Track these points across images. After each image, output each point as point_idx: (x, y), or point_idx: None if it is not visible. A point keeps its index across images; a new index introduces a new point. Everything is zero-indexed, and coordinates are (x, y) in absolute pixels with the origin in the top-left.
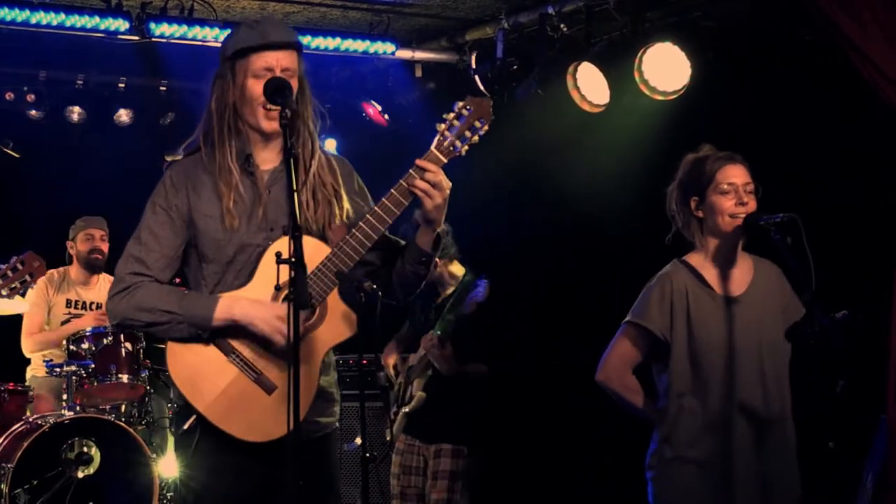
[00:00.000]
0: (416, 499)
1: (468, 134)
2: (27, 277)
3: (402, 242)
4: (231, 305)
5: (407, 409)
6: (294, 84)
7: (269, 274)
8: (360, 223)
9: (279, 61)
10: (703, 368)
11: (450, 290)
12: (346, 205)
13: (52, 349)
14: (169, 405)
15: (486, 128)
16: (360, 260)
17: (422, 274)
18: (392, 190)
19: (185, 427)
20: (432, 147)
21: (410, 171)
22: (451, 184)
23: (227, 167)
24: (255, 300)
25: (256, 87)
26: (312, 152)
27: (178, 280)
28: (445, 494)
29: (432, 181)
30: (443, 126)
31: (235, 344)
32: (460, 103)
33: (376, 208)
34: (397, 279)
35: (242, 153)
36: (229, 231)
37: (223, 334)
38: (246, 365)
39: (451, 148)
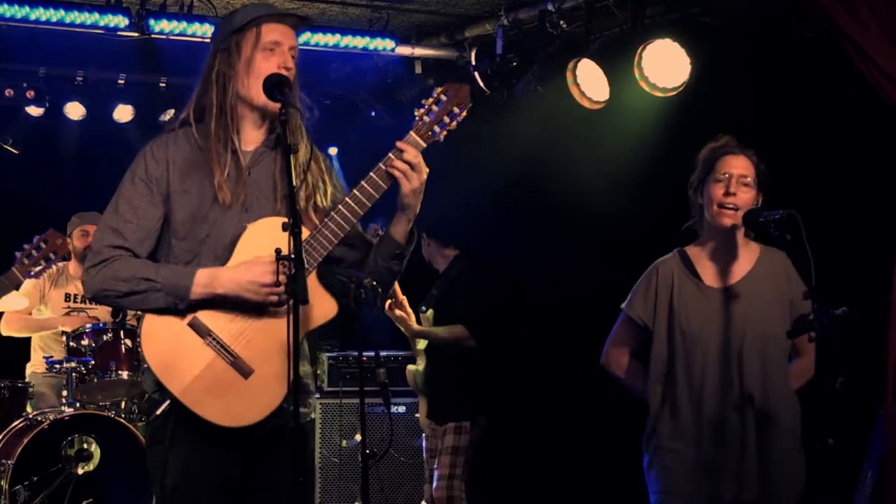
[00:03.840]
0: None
1: (446, 119)
2: (51, 255)
3: (374, 241)
4: (214, 276)
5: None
6: (294, 71)
7: (248, 255)
8: (339, 206)
9: (287, 38)
10: (682, 357)
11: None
12: (330, 192)
13: (26, 333)
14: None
15: (464, 114)
16: (337, 244)
17: (395, 270)
18: (371, 173)
19: (158, 412)
20: (411, 131)
21: (389, 153)
22: (428, 169)
23: (211, 148)
24: (233, 271)
25: (264, 62)
26: (302, 135)
27: None
28: (447, 469)
29: (411, 162)
30: (421, 111)
31: (212, 326)
32: (438, 89)
33: (355, 191)
34: (372, 276)
35: (227, 130)
36: (207, 209)
37: (199, 314)
38: (222, 348)
39: (430, 133)
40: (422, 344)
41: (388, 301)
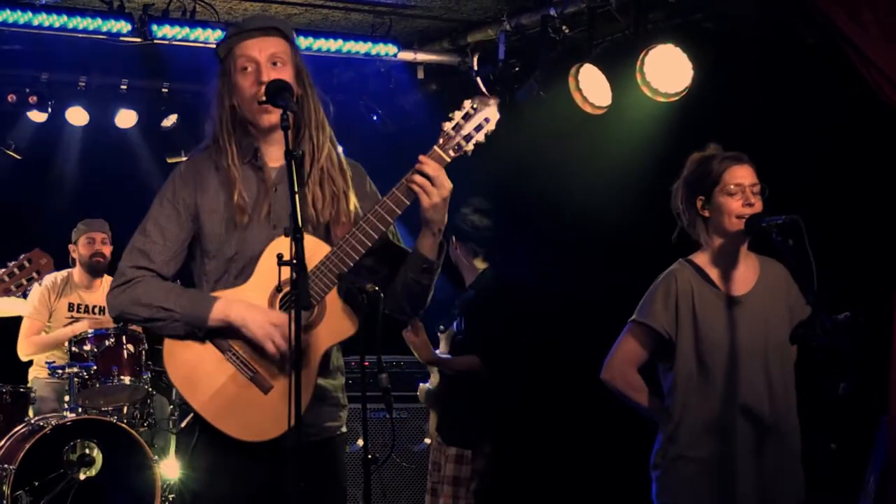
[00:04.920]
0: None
1: (474, 133)
2: (34, 274)
3: (410, 252)
4: (227, 307)
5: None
6: (287, 72)
7: (267, 273)
8: (361, 222)
9: (262, 50)
10: (709, 368)
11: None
12: (353, 205)
13: (47, 352)
14: (171, 406)
15: (491, 127)
16: (360, 260)
17: (424, 284)
18: (394, 189)
19: (183, 425)
20: (435, 145)
21: (414, 167)
22: (451, 185)
23: (227, 165)
24: (252, 304)
25: (243, 83)
26: (321, 143)
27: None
28: (451, 500)
29: (430, 176)
30: (448, 125)
31: (232, 342)
32: (467, 102)
33: (377, 207)
34: (402, 290)
35: (251, 148)
36: (233, 227)
37: (220, 333)
38: (242, 363)
39: (456, 146)
40: None
41: (408, 327)
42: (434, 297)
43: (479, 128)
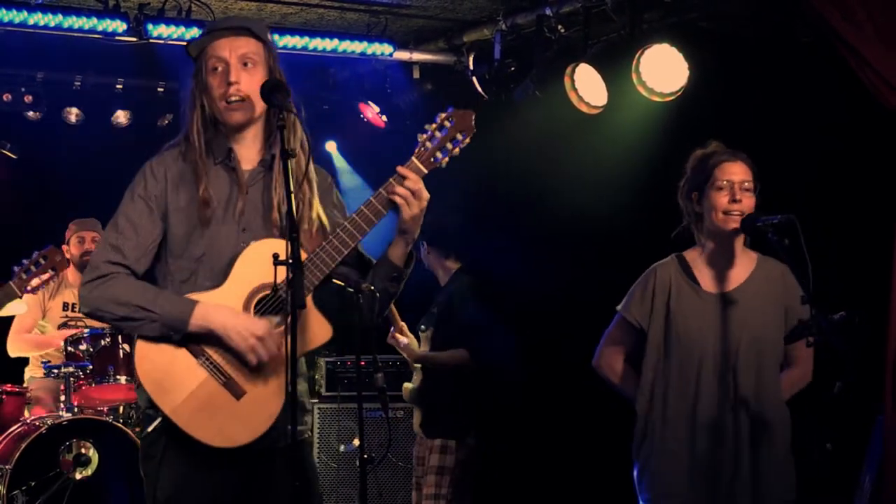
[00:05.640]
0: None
1: (449, 146)
2: (50, 271)
3: (374, 261)
4: (209, 313)
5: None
6: (258, 72)
7: (244, 277)
8: (338, 230)
9: (233, 51)
10: (679, 361)
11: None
12: (317, 213)
13: (36, 352)
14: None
15: (467, 140)
16: (333, 269)
17: (391, 292)
18: (371, 198)
19: (150, 429)
20: (413, 157)
21: (391, 179)
22: (429, 195)
23: (195, 159)
24: (233, 311)
25: (213, 82)
26: (293, 149)
27: None
28: (433, 489)
29: (412, 188)
30: (424, 136)
31: (206, 347)
32: (442, 115)
33: (354, 216)
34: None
35: (223, 149)
36: (200, 225)
37: (196, 337)
38: (216, 369)
39: (432, 159)
40: None
41: (392, 330)
42: (415, 298)
43: (455, 141)
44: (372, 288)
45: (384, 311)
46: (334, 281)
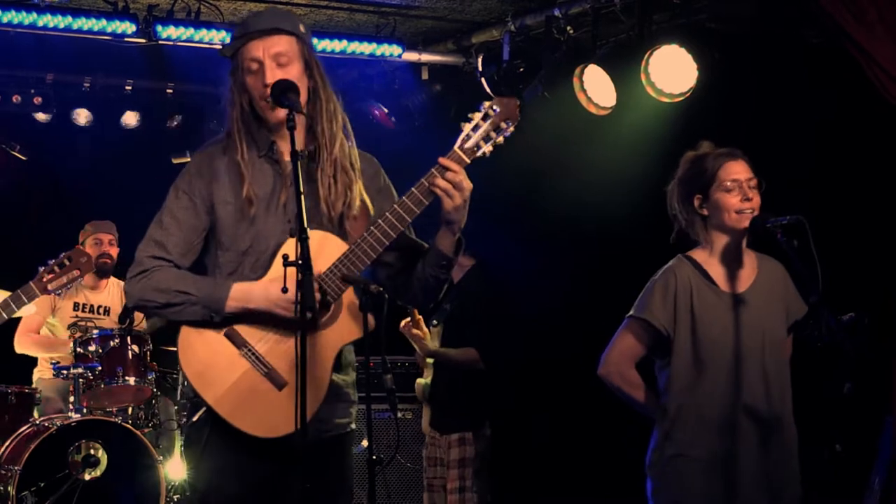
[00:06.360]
0: (443, 489)
1: (493, 135)
2: (75, 272)
3: (426, 246)
4: (247, 291)
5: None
6: (294, 69)
7: (282, 271)
8: (379, 220)
9: (266, 50)
10: (706, 365)
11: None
12: (361, 199)
13: (42, 353)
14: (175, 406)
15: (511, 129)
16: (377, 258)
17: (442, 278)
18: (413, 188)
19: (195, 419)
20: (455, 146)
21: (432, 169)
22: (472, 185)
23: (238, 160)
24: (267, 286)
25: (252, 82)
26: (334, 133)
27: None
28: (457, 482)
29: (453, 181)
30: (467, 126)
31: (248, 337)
32: (487, 103)
33: (396, 206)
34: (418, 284)
35: (266, 142)
36: (246, 220)
37: (236, 325)
38: (257, 359)
39: (475, 148)
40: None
41: (406, 320)
42: None
43: (499, 130)
44: (381, 289)
45: (435, 297)
46: (345, 281)
